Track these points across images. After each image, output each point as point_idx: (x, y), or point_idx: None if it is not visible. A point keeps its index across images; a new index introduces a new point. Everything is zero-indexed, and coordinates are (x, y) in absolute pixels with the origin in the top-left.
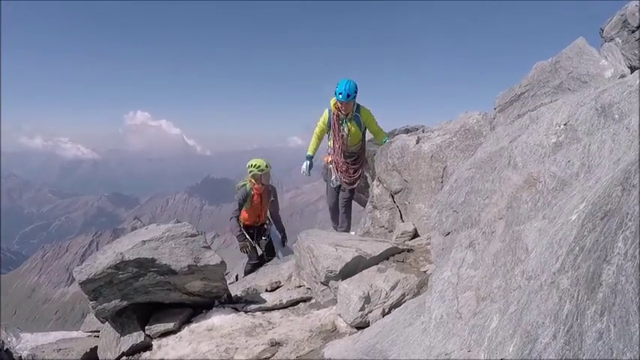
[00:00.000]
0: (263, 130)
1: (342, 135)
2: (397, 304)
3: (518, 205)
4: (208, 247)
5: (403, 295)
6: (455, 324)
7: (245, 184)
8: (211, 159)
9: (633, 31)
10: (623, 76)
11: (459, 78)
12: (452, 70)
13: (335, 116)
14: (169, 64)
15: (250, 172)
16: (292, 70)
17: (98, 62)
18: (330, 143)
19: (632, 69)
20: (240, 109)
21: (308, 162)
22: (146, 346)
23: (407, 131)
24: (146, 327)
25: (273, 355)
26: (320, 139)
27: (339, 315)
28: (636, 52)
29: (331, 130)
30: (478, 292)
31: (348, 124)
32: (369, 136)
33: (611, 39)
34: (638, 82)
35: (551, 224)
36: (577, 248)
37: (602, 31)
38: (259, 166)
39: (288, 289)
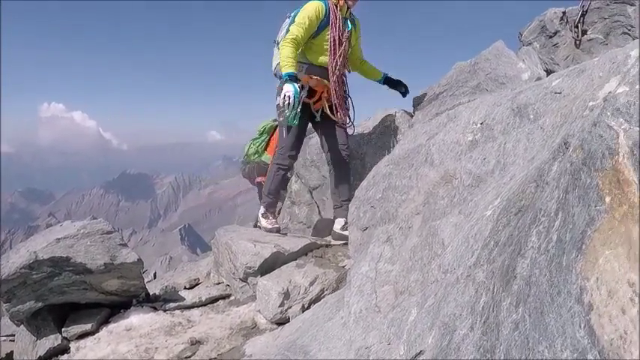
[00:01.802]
0: (182, 125)
1: (347, 41)
2: (316, 300)
3: (435, 201)
4: (125, 245)
5: (322, 290)
6: (374, 318)
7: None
8: (128, 153)
9: (551, 37)
10: (539, 78)
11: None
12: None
13: (335, 9)
14: (84, 53)
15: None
16: (210, 63)
17: (11, 51)
18: (313, 56)
19: (548, 72)
20: (158, 102)
21: (295, 85)
22: (64, 349)
23: None
24: (63, 329)
25: (194, 354)
26: (299, 48)
27: (259, 311)
28: (552, 56)
29: (329, 31)
30: (396, 286)
31: (352, 28)
32: None
33: (529, 43)
34: (552, 84)
35: (467, 219)
36: (492, 242)
37: (521, 35)
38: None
39: (207, 287)
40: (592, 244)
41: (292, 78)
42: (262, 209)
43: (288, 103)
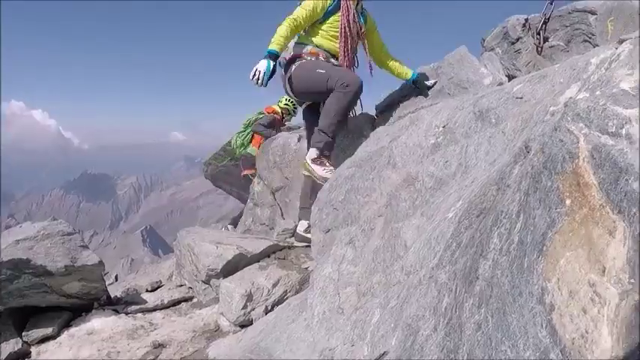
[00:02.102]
0: (144, 124)
1: (360, 31)
2: (279, 302)
3: (397, 203)
4: (86, 247)
5: (285, 292)
6: (337, 319)
7: (261, 120)
8: (89, 153)
9: (513, 43)
10: (501, 84)
11: None
12: None
13: None
14: (44, 50)
15: (286, 105)
16: (172, 62)
17: None
18: (321, 41)
19: (510, 78)
20: (121, 101)
21: (270, 62)
22: (25, 354)
23: (289, 129)
24: (23, 333)
25: (157, 357)
26: (296, 31)
27: (222, 314)
28: (514, 62)
29: (338, 18)
30: (359, 288)
31: (362, 18)
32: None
33: (492, 49)
34: (514, 89)
35: (429, 222)
36: (454, 244)
37: (484, 40)
38: (296, 108)
39: (169, 289)
40: (553, 245)
41: (272, 56)
42: (315, 153)
43: (257, 78)
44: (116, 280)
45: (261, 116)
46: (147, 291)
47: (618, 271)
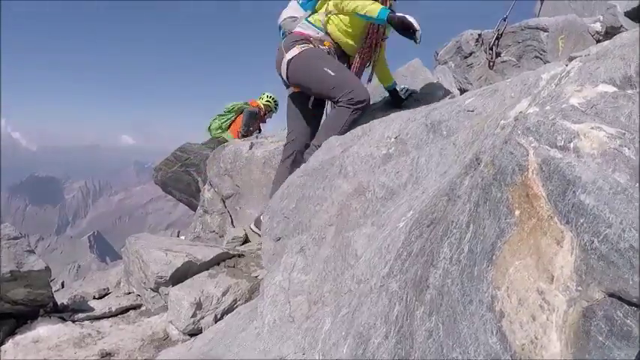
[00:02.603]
0: (94, 127)
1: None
2: (229, 310)
3: (348, 213)
4: (32, 252)
5: (235, 300)
6: (288, 328)
7: (251, 108)
8: (37, 155)
9: (466, 57)
10: (453, 96)
11: None
12: None
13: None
14: None
15: (267, 102)
16: (123, 64)
17: None
18: (337, 34)
19: (462, 91)
20: (71, 102)
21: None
22: None
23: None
24: None
25: None
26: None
27: (171, 322)
28: (466, 76)
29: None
30: (310, 297)
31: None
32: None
33: (445, 62)
34: (466, 102)
35: (380, 231)
36: (405, 253)
37: (437, 54)
38: (277, 105)
39: (117, 297)
40: (502, 255)
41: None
42: None
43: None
44: (62, 286)
45: (246, 106)
46: (94, 298)
47: (566, 279)
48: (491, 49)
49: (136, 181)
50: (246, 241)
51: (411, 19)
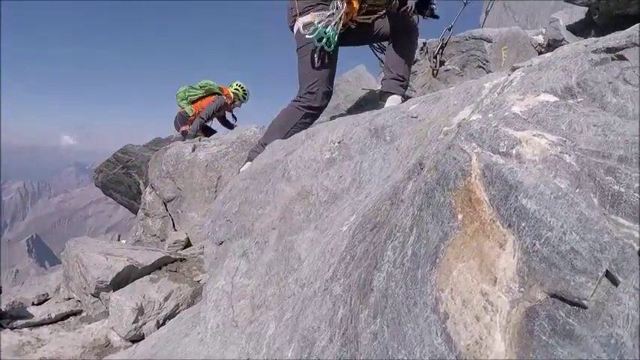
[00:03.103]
0: (34, 127)
1: None
2: (172, 315)
3: (291, 216)
4: None
5: (177, 305)
6: (232, 333)
7: (219, 93)
8: None
9: None
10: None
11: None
12: (237, 76)
13: None
14: None
15: (236, 90)
16: (63, 60)
17: None
18: None
19: (405, 98)
20: (9, 100)
21: None
22: None
23: (183, 139)
24: None
25: None
26: None
27: (112, 328)
28: (410, 83)
29: None
30: (253, 301)
31: None
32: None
33: None
34: (410, 109)
35: (323, 235)
36: (348, 257)
37: (382, 61)
38: (245, 95)
39: (56, 302)
40: (446, 257)
41: None
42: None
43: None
44: (0, 292)
45: (219, 92)
46: (33, 304)
47: (509, 280)
48: (435, 57)
49: (76, 182)
50: (187, 244)
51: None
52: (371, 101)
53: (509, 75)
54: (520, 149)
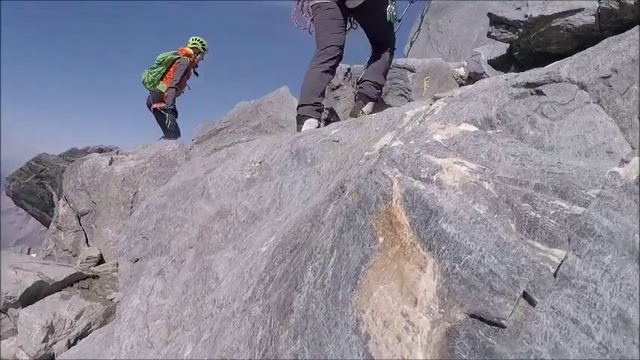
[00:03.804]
0: None
1: None
2: (83, 335)
3: (209, 236)
4: None
5: (89, 324)
6: (147, 353)
7: (179, 57)
8: None
9: (333, 89)
10: (318, 126)
11: None
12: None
13: None
14: None
15: (194, 45)
16: None
17: None
18: None
19: (326, 121)
20: None
21: None
22: None
23: (100, 151)
24: None
25: None
26: None
27: (21, 347)
28: (333, 107)
29: None
30: (169, 321)
31: None
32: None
33: None
34: (331, 133)
35: (242, 255)
36: (267, 278)
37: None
38: (204, 45)
39: None
40: (366, 279)
41: None
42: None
43: None
44: None
45: (177, 57)
46: None
47: (429, 302)
48: (358, 83)
49: None
50: (101, 261)
51: None
52: (293, 123)
53: (430, 104)
54: (441, 176)
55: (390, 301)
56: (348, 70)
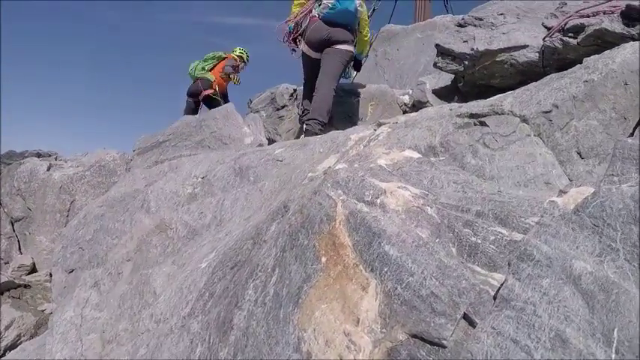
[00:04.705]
0: None
1: None
2: (13, 346)
3: (148, 249)
4: None
5: (19, 335)
6: None
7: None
8: None
9: (278, 109)
10: (261, 145)
11: (103, 111)
12: (99, 100)
13: None
14: None
15: (240, 54)
16: None
17: None
18: None
19: (270, 140)
20: None
21: None
22: None
23: (39, 155)
24: None
25: None
26: None
27: None
28: (276, 127)
29: None
30: (103, 335)
31: None
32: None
33: (257, 111)
34: (275, 152)
35: (181, 270)
36: (207, 294)
37: (251, 102)
38: (248, 56)
39: None
40: (308, 298)
41: None
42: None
43: None
44: None
45: (225, 56)
46: None
47: (371, 322)
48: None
49: None
50: (33, 270)
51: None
52: (236, 140)
53: (375, 129)
54: (384, 199)
55: (332, 320)
56: (294, 90)
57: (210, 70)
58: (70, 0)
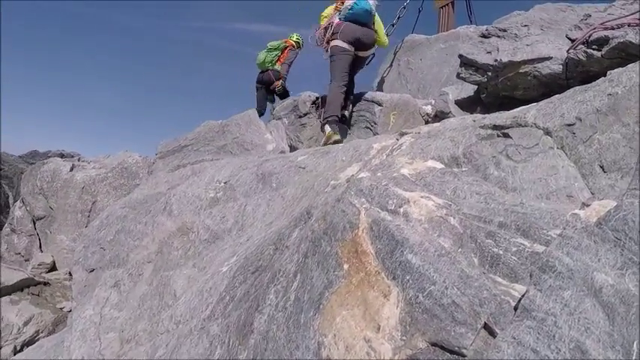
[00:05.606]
0: None
1: None
2: (31, 342)
3: (169, 251)
4: None
5: (37, 331)
6: None
7: (287, 46)
8: None
9: (301, 117)
10: (283, 152)
11: (127, 115)
12: (123, 104)
13: None
14: None
15: (297, 40)
16: None
17: None
18: None
19: (292, 148)
20: None
21: None
22: None
23: (62, 156)
24: None
25: None
26: None
27: None
28: (299, 134)
29: None
30: (122, 334)
31: None
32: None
33: (280, 118)
34: (298, 159)
35: (202, 273)
36: (228, 297)
37: (274, 109)
38: (302, 42)
39: None
40: (330, 304)
41: None
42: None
43: None
44: None
45: (285, 45)
46: None
47: (392, 329)
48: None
49: None
50: (53, 268)
51: None
52: (258, 146)
53: (397, 139)
54: (408, 208)
55: (352, 326)
56: (317, 98)
57: (277, 61)
58: (88, 2)
